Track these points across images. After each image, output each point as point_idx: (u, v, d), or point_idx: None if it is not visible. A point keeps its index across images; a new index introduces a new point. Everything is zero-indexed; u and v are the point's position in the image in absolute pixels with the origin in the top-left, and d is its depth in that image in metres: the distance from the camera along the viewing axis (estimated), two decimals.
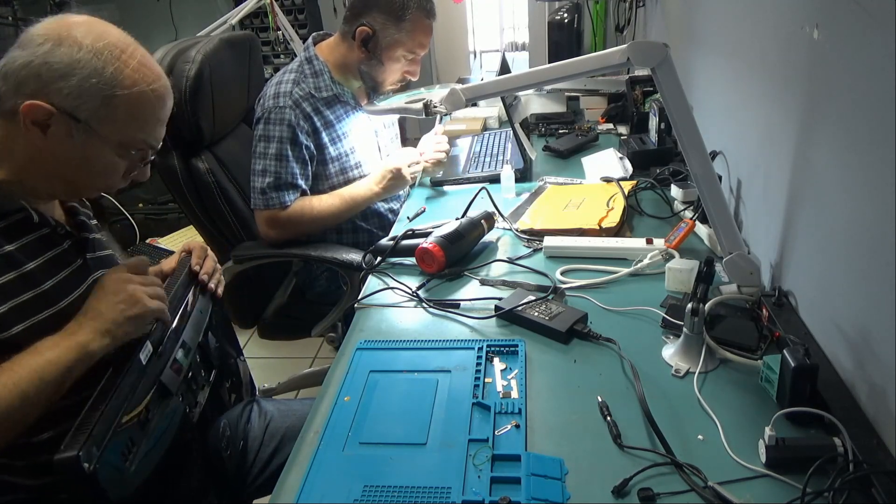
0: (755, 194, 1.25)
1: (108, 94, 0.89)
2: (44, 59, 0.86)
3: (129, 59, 0.91)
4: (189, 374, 0.95)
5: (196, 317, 1.02)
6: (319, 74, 1.66)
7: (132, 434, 0.79)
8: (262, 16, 3.52)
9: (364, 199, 1.68)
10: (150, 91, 0.92)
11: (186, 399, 0.93)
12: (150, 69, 0.93)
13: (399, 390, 0.99)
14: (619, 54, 1.04)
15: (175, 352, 0.92)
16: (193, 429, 0.96)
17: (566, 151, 2.00)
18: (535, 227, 1.47)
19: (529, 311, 1.12)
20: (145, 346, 0.86)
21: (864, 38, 0.78)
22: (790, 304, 1.04)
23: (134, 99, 0.91)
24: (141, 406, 0.82)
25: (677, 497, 0.77)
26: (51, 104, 0.87)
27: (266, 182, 1.57)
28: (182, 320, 0.97)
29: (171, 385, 0.89)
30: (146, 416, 0.82)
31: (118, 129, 0.92)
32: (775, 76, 1.12)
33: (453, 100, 1.23)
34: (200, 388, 0.99)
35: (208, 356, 1.04)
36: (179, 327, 0.95)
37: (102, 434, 0.74)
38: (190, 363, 0.95)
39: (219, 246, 1.73)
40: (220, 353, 1.11)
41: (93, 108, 0.89)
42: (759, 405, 0.90)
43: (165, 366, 0.89)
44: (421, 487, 0.80)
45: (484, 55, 4.37)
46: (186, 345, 0.96)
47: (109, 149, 0.93)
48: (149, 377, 0.85)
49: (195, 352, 0.98)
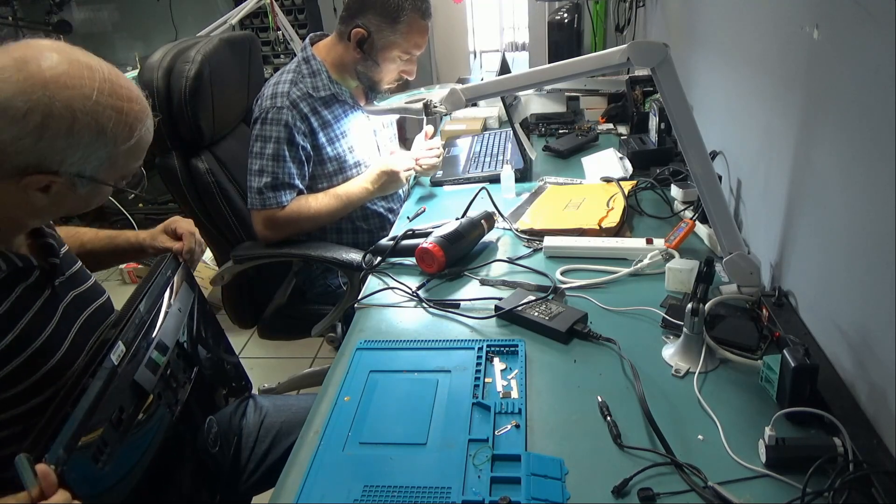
0: (755, 194, 1.25)
1: (112, 151, 0.87)
2: (38, 134, 0.80)
3: (119, 102, 0.86)
4: (167, 372, 0.94)
5: (174, 315, 1.00)
6: (317, 74, 1.66)
7: (104, 435, 0.78)
8: (262, 16, 3.52)
9: (359, 198, 1.69)
10: (146, 130, 0.91)
11: (165, 398, 0.92)
12: (137, 103, 0.89)
13: (399, 390, 0.99)
14: (619, 54, 1.04)
15: (150, 351, 0.91)
16: (177, 426, 0.95)
17: (566, 151, 2.00)
18: (535, 227, 1.47)
19: (529, 311, 1.12)
20: (117, 346, 0.84)
21: (864, 38, 0.78)
22: (790, 304, 1.04)
23: (135, 145, 0.89)
24: (116, 407, 0.81)
25: (677, 497, 0.77)
26: (54, 173, 0.84)
27: (263, 182, 1.57)
28: (157, 319, 0.95)
29: (147, 384, 0.88)
30: (119, 416, 0.81)
31: (120, 170, 0.92)
32: (775, 76, 1.12)
33: (453, 100, 1.23)
34: (181, 386, 0.98)
35: (189, 353, 1.03)
36: (155, 327, 0.94)
37: (72, 436, 0.72)
38: (168, 361, 0.94)
39: (219, 246, 1.73)
40: (205, 347, 1.10)
41: (97, 165, 0.87)
42: (759, 405, 0.90)
43: (140, 365, 0.87)
44: (421, 487, 0.80)
45: (484, 55, 4.37)
46: (163, 343, 0.94)
47: (110, 186, 0.92)
48: (122, 378, 0.84)
49: (173, 350, 0.97)
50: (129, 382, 0.85)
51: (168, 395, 0.93)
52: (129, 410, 0.84)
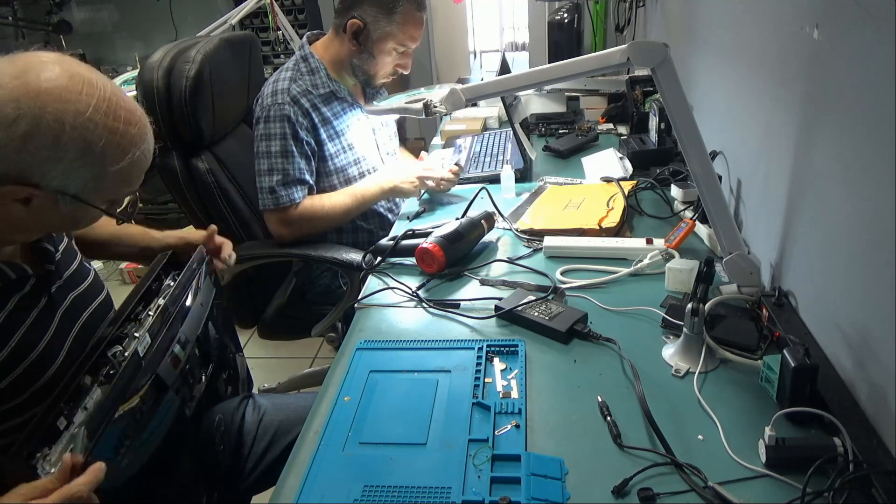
0: (755, 194, 1.25)
1: (99, 171, 0.83)
2: (21, 143, 0.77)
3: (115, 123, 0.82)
4: (186, 367, 0.94)
5: (196, 310, 1.01)
6: (315, 72, 1.66)
7: (127, 427, 0.78)
8: (262, 16, 3.51)
9: (372, 198, 1.69)
10: (141, 153, 0.86)
11: (182, 393, 0.92)
12: (135, 127, 0.85)
13: (399, 390, 0.99)
14: (619, 54, 1.04)
15: (173, 345, 0.91)
16: (188, 422, 0.95)
17: (566, 151, 2.00)
18: (535, 227, 1.47)
19: (529, 311, 1.12)
20: (143, 337, 0.85)
21: (864, 38, 0.78)
22: (790, 304, 1.04)
23: (125, 168, 0.85)
24: (136, 398, 0.81)
25: (677, 497, 0.77)
26: (35, 186, 0.80)
27: (275, 180, 1.57)
28: (181, 316, 0.96)
29: (168, 378, 0.88)
30: (141, 408, 0.81)
31: (109, 194, 0.87)
32: (775, 76, 1.12)
33: (453, 100, 1.23)
34: (197, 382, 0.98)
35: (207, 350, 1.03)
36: (178, 322, 0.94)
37: (97, 425, 0.72)
38: (188, 356, 0.94)
39: None
40: (219, 344, 1.11)
41: (82, 184, 0.83)
42: (759, 405, 0.90)
43: (163, 358, 0.88)
44: (421, 487, 0.80)
45: (484, 55, 4.36)
46: (184, 338, 0.95)
47: (98, 209, 0.88)
48: (145, 370, 0.84)
49: (193, 345, 0.97)
50: (152, 375, 0.85)
51: (184, 391, 0.93)
52: (150, 404, 0.84)
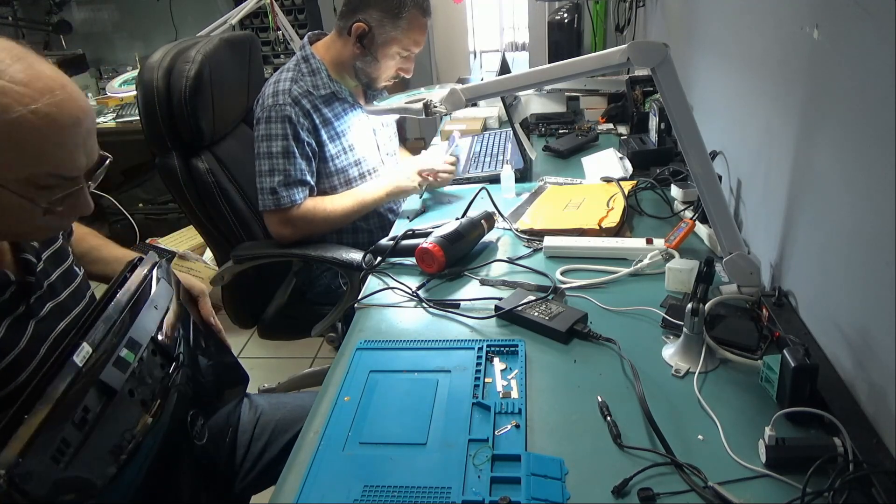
0: (755, 194, 1.25)
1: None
2: None
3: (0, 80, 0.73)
4: (136, 372, 0.92)
5: (149, 314, 0.97)
6: (316, 72, 1.66)
7: (65, 435, 0.77)
8: (262, 16, 3.52)
9: (373, 201, 1.69)
10: (30, 113, 0.74)
11: (140, 394, 0.90)
12: (28, 85, 0.75)
13: (399, 390, 0.99)
14: (619, 54, 1.04)
15: (119, 350, 0.88)
16: (176, 427, 0.93)
17: (566, 151, 2.00)
18: (535, 227, 1.47)
19: (529, 311, 1.12)
20: (81, 347, 0.82)
21: (863, 38, 0.78)
22: (790, 304, 1.04)
23: (8, 128, 0.73)
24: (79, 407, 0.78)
25: (677, 497, 0.77)
26: None
27: (276, 181, 1.57)
28: (127, 321, 0.93)
29: (115, 383, 0.86)
30: (83, 416, 0.80)
31: (4, 166, 0.76)
32: (775, 76, 1.12)
33: (453, 100, 1.23)
34: (158, 382, 0.96)
35: (165, 349, 1.00)
36: (124, 325, 0.91)
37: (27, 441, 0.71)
38: (140, 358, 0.92)
39: (219, 246, 1.73)
40: (194, 345, 1.09)
41: None
42: (759, 405, 0.90)
43: (107, 364, 0.85)
44: (421, 487, 0.80)
45: (484, 55, 4.36)
46: (133, 342, 0.91)
47: (6, 190, 0.78)
48: (86, 377, 0.81)
49: (147, 348, 0.95)
50: (93, 382, 0.82)
51: (143, 392, 0.91)
52: (96, 410, 0.82)
